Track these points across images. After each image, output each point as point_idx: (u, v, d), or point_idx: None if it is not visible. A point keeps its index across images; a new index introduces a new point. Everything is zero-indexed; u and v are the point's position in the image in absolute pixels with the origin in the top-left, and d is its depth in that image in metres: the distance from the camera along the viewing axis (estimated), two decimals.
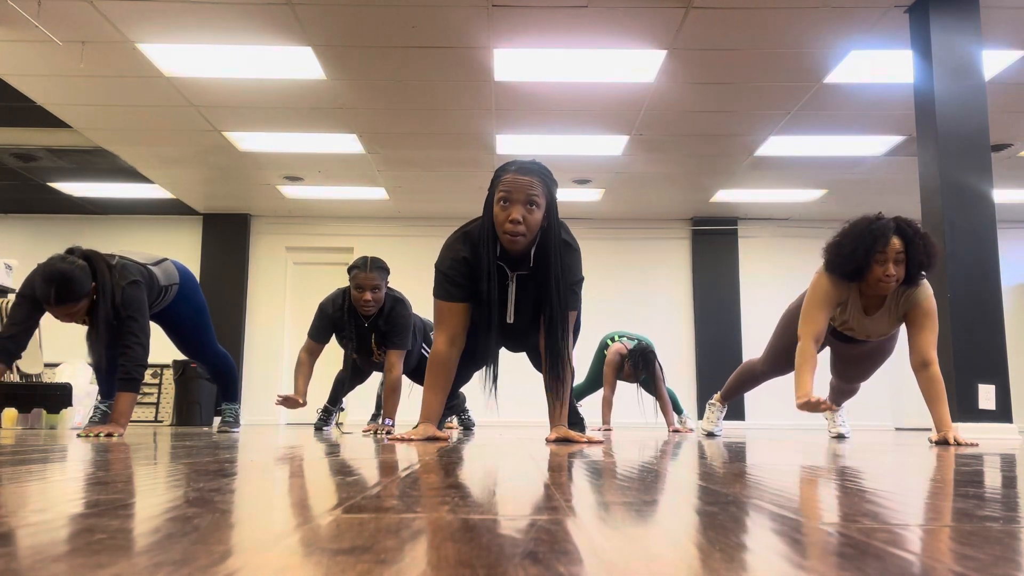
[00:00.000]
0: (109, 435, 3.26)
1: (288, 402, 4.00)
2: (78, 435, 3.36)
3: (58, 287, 3.23)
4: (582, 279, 2.88)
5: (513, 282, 2.81)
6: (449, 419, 5.18)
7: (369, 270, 4.01)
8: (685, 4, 4.63)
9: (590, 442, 2.75)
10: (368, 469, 1.40)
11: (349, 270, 4.08)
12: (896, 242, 3.07)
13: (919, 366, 3.15)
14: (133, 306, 3.47)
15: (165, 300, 3.81)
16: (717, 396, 4.34)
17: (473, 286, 2.79)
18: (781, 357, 3.84)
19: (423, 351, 4.64)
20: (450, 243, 2.85)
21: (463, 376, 3.35)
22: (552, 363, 2.80)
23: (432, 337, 3.33)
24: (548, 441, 2.76)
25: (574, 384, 6.35)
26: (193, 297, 3.97)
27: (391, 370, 4.07)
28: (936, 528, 0.73)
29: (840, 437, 3.91)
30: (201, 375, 7.81)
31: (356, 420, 8.03)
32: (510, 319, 2.83)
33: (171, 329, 4.00)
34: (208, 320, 4.10)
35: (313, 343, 4.19)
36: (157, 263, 3.79)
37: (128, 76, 5.66)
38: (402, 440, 2.66)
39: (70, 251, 3.41)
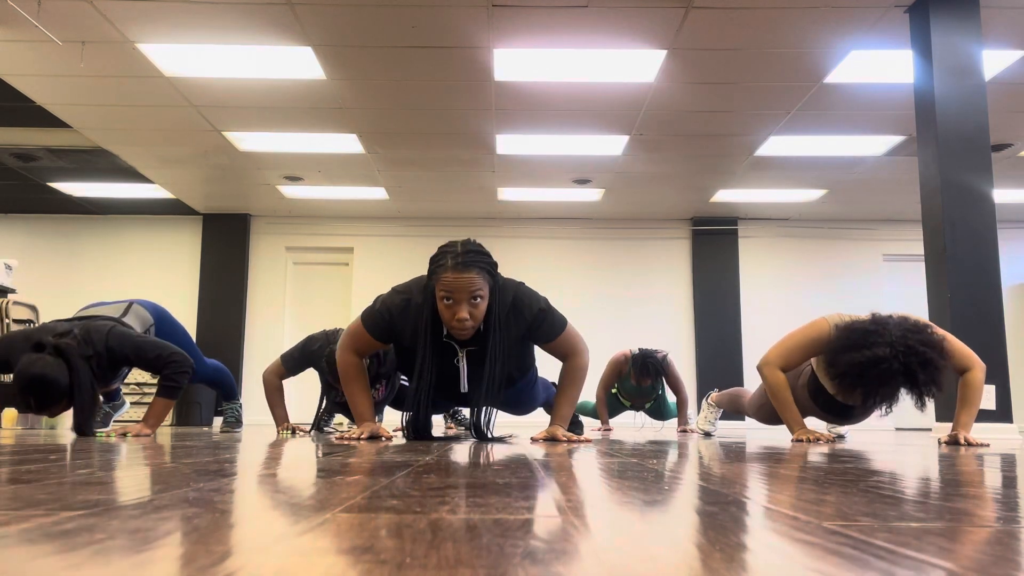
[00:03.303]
0: (137, 435, 3.25)
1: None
2: (96, 434, 3.31)
3: (36, 394, 3.08)
4: (545, 306, 2.83)
5: (464, 358, 2.80)
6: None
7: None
8: (685, 4, 4.63)
9: (571, 440, 2.75)
10: (368, 469, 1.40)
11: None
12: (900, 387, 2.90)
13: (959, 372, 3.09)
14: (133, 345, 3.35)
15: None
16: (715, 396, 4.33)
17: (401, 345, 2.88)
18: (773, 417, 3.77)
19: (402, 381, 4.20)
20: (391, 308, 2.79)
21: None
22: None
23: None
24: (534, 440, 2.78)
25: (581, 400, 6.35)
26: (171, 330, 3.86)
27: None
28: (936, 528, 0.73)
29: (839, 438, 3.90)
30: None
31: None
32: (464, 389, 2.84)
33: None
34: (191, 341, 4.02)
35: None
36: (125, 311, 3.65)
37: (128, 76, 5.66)
38: (349, 440, 2.71)
39: (38, 346, 3.15)
